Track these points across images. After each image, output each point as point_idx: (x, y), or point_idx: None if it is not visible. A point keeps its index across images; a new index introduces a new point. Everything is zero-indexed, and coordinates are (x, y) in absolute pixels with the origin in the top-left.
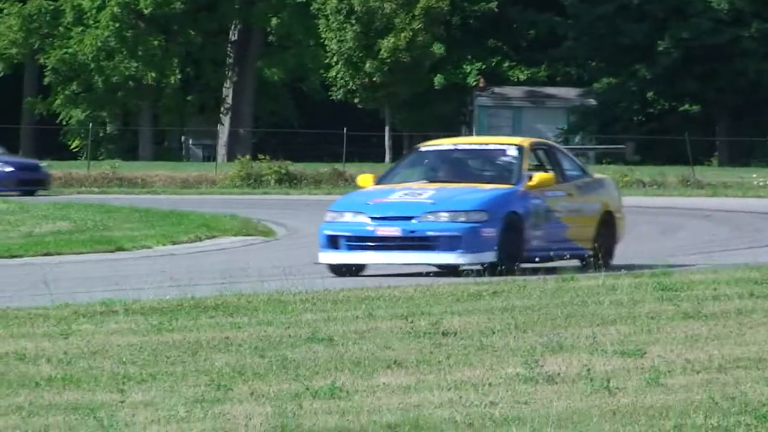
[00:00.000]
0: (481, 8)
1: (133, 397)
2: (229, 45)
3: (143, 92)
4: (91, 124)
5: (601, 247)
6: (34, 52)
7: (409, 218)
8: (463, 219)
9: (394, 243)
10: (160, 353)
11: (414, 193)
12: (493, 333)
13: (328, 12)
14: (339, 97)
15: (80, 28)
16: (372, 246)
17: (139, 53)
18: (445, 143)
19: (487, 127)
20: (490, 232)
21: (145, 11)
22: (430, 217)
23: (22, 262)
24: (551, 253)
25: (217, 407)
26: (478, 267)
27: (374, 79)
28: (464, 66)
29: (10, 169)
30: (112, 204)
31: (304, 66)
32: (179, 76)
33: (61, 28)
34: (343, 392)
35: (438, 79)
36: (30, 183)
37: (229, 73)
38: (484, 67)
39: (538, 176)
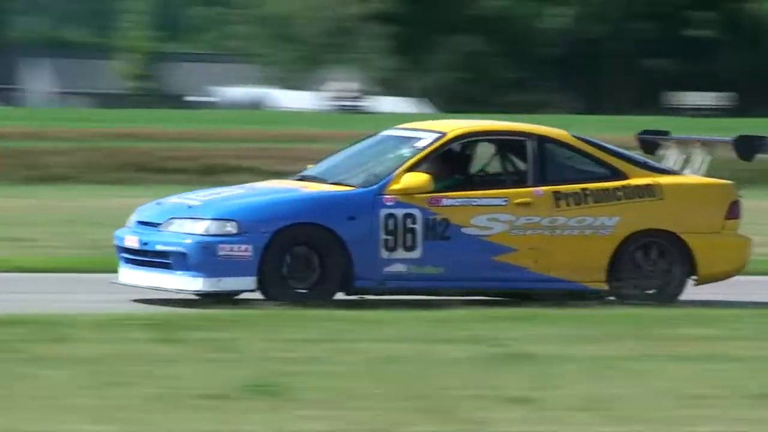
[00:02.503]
0: None
1: None
2: None
3: None
4: None
5: (641, 281)
6: None
7: (157, 225)
8: (199, 231)
9: (135, 258)
10: None
11: (215, 192)
12: None
13: None
14: None
15: None
16: (124, 260)
17: None
18: (394, 128)
19: None
20: (239, 250)
21: None
22: (171, 226)
23: None
24: (466, 284)
25: None
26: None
27: None
28: None
29: None
30: None
31: None
32: None
33: None
34: None
35: None
36: None
37: None
38: None
39: (409, 177)
